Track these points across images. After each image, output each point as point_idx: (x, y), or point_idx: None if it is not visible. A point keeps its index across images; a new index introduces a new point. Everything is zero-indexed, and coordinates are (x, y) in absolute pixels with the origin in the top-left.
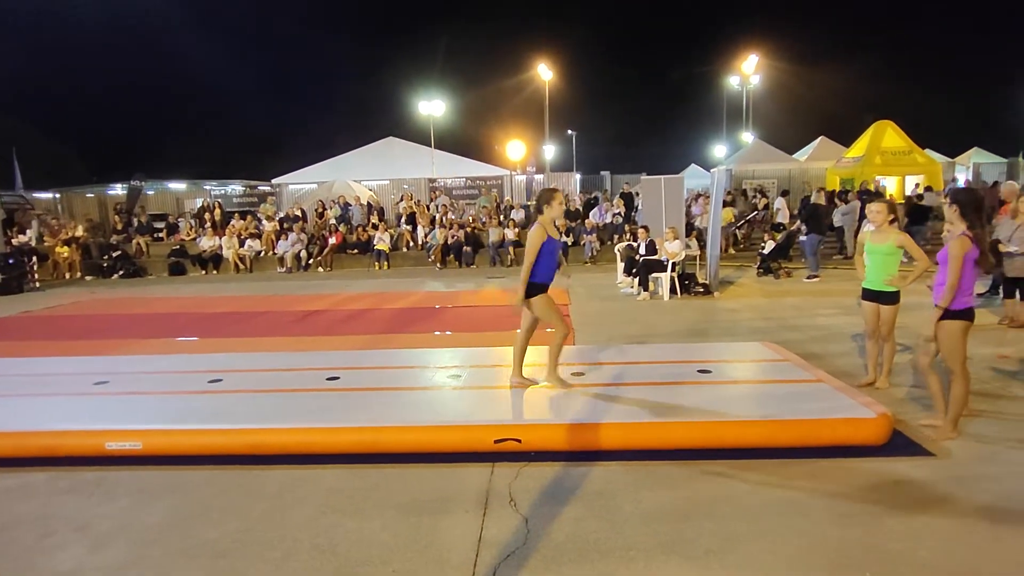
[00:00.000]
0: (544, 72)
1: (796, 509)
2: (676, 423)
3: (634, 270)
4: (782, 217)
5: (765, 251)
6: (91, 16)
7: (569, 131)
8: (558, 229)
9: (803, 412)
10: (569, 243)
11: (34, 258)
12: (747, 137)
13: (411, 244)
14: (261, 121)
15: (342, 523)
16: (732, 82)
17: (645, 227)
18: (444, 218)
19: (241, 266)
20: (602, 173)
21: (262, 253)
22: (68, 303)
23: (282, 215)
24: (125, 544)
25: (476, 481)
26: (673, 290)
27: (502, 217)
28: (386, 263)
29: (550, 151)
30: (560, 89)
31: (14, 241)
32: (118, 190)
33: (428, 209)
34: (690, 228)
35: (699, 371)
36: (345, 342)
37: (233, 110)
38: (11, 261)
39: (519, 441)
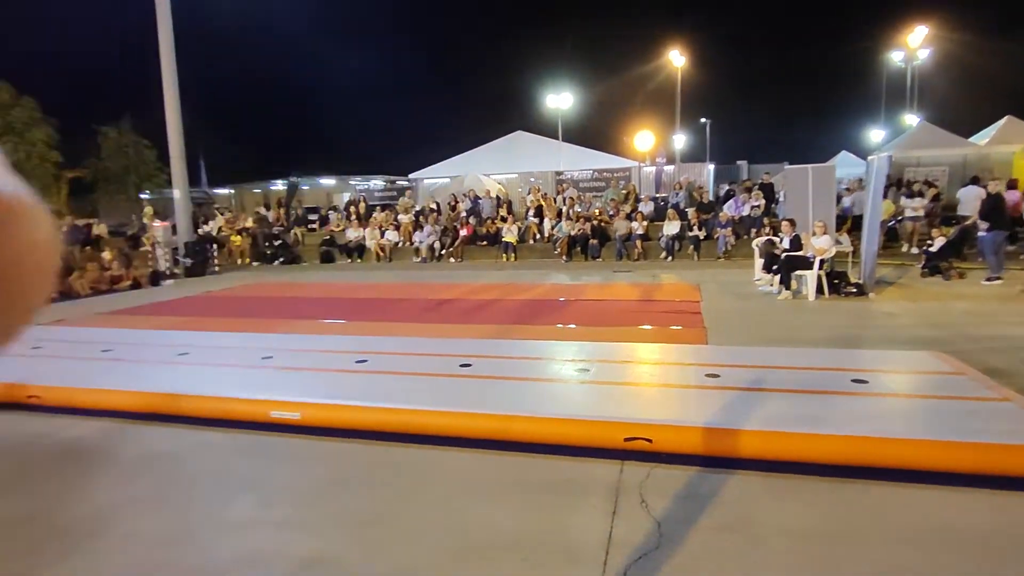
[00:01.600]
0: (676, 59)
1: (976, 546)
2: (826, 435)
3: (775, 267)
4: (968, 210)
5: (933, 248)
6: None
7: (702, 119)
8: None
9: (985, 434)
10: (701, 237)
11: (214, 245)
12: (911, 119)
13: (538, 236)
14: (400, 120)
15: (473, 506)
16: (894, 58)
17: (790, 220)
18: (571, 211)
19: (381, 255)
20: (738, 163)
21: (400, 244)
22: (239, 285)
23: (418, 208)
24: (287, 504)
25: (605, 478)
26: (820, 290)
27: (630, 210)
28: (513, 255)
29: (681, 141)
30: (693, 75)
31: (200, 231)
32: (279, 186)
33: (555, 202)
34: (841, 221)
35: (853, 380)
36: (475, 330)
37: (375, 111)
38: (197, 248)
39: (650, 441)
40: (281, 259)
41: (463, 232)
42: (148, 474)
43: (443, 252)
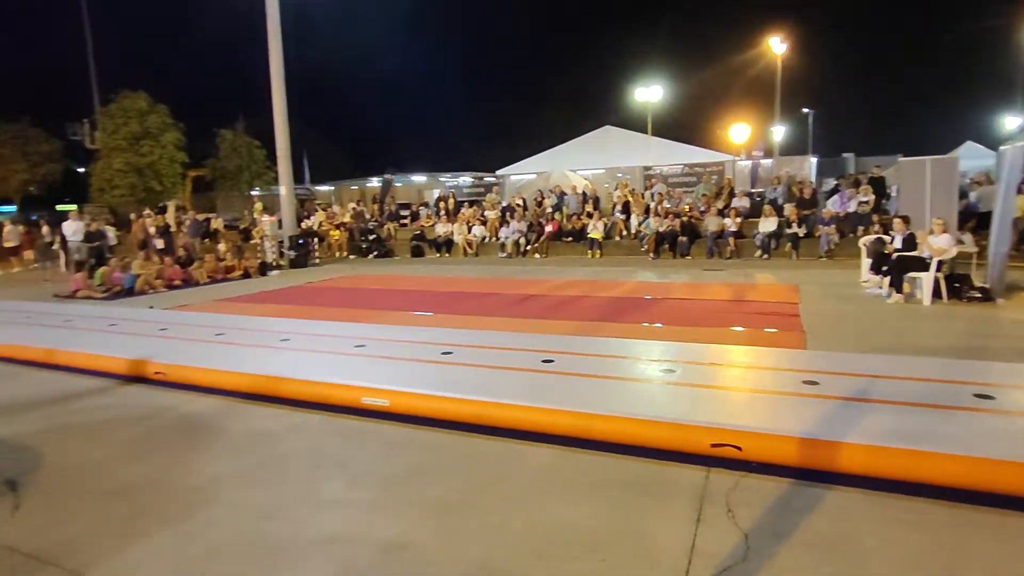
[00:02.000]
0: (776, 46)
1: None
2: (945, 455)
3: (884, 267)
4: None
5: None
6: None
7: (804, 109)
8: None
9: None
10: (801, 235)
11: (315, 239)
12: None
13: (624, 233)
14: (489, 118)
15: (551, 502)
16: None
17: (903, 217)
18: (659, 207)
19: (468, 250)
20: (844, 155)
21: (486, 239)
22: (336, 277)
23: (504, 204)
24: (373, 486)
25: (689, 484)
26: (937, 294)
27: (722, 205)
28: (599, 251)
29: (780, 133)
30: (794, 63)
31: (302, 225)
32: (375, 183)
33: (643, 198)
34: (964, 218)
35: (976, 395)
36: (559, 327)
37: (466, 109)
38: (300, 241)
39: (739, 449)
40: (375, 253)
41: (548, 228)
42: (251, 450)
43: (528, 248)
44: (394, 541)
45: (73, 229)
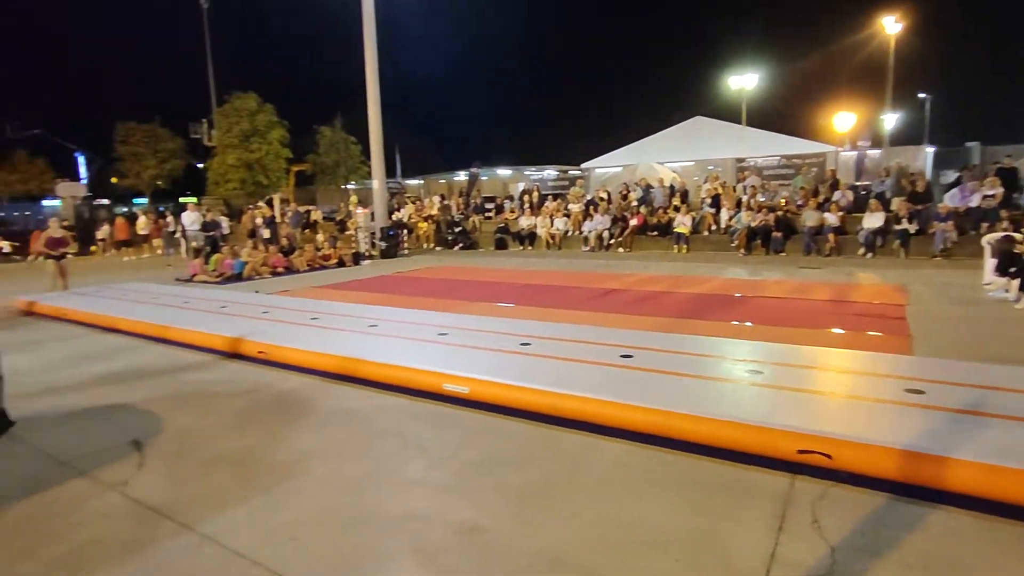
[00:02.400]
0: (890, 26)
1: None
2: None
3: (1012, 268)
4: None
5: None
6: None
7: (920, 95)
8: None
9: None
10: (912, 231)
11: (404, 230)
12: None
13: (713, 228)
14: (576, 111)
15: (625, 497)
16: None
17: None
18: (752, 200)
19: (551, 243)
20: (967, 144)
21: (569, 232)
22: (423, 267)
23: (589, 197)
24: (451, 469)
25: (772, 490)
26: None
27: (822, 199)
28: (685, 246)
29: (891, 121)
30: (909, 44)
31: (393, 217)
32: (461, 176)
33: (734, 191)
34: None
35: None
36: (640, 322)
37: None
38: (391, 233)
39: (829, 457)
40: (460, 245)
41: (633, 222)
42: (339, 427)
43: (611, 242)
44: (468, 524)
45: (191, 219)
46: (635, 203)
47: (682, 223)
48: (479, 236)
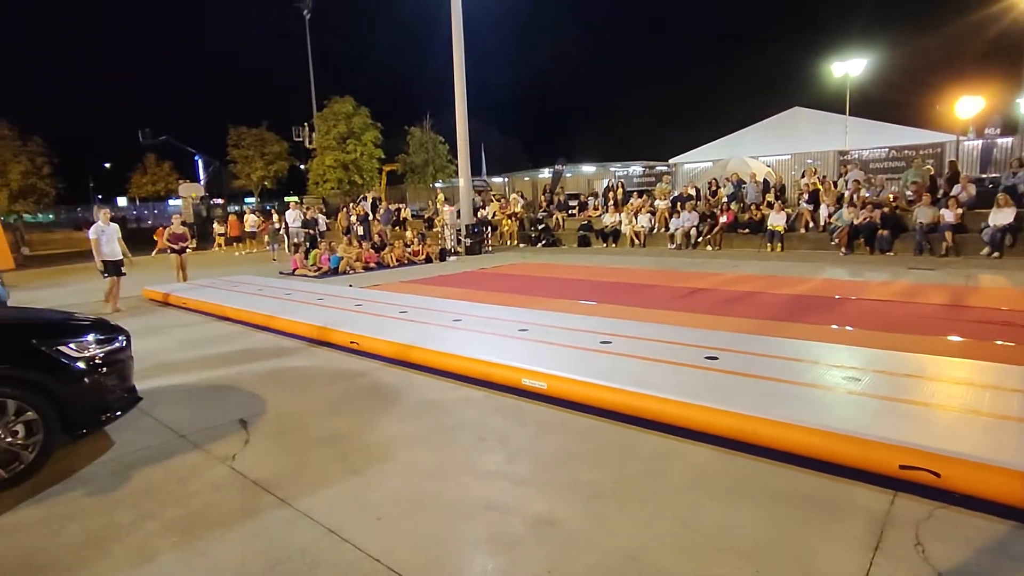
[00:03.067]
0: None
1: None
2: None
3: None
4: None
5: None
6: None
7: None
8: None
9: None
10: None
11: (489, 228)
12: None
13: (811, 225)
14: (664, 105)
15: (707, 503)
16: None
17: None
18: (855, 195)
19: (636, 241)
20: None
21: (655, 229)
22: (507, 264)
23: (676, 194)
24: (529, 464)
25: (868, 506)
26: None
27: (939, 194)
28: (779, 245)
29: None
30: None
31: (478, 214)
32: (545, 173)
33: (835, 186)
34: None
35: None
36: (728, 323)
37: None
38: (476, 230)
39: (937, 475)
40: (543, 242)
41: (723, 219)
42: (423, 416)
43: (699, 239)
44: (544, 517)
45: (293, 217)
46: (725, 199)
47: (776, 220)
48: (562, 233)
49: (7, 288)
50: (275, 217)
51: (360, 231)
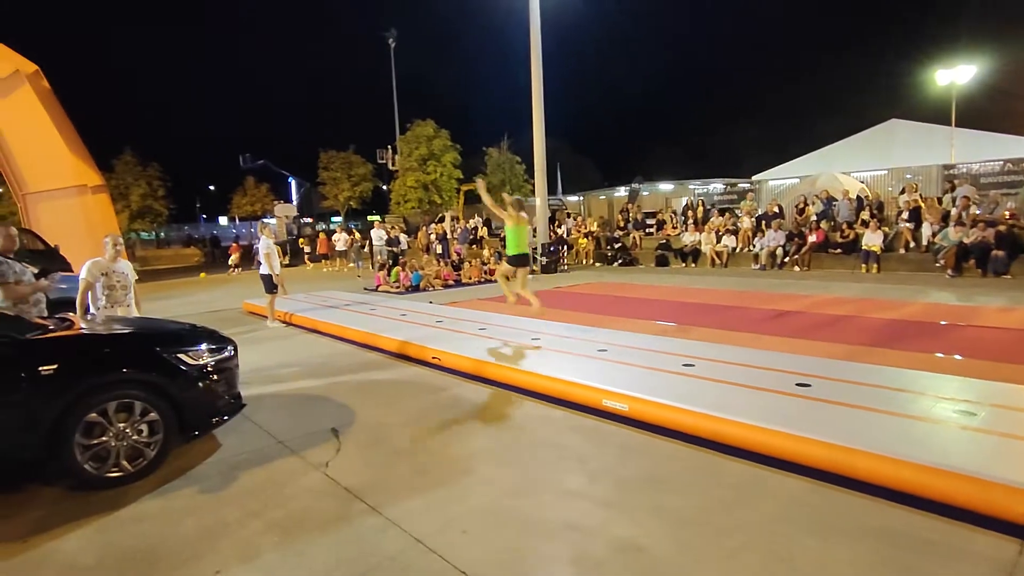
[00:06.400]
0: None
1: None
2: None
3: None
4: None
5: None
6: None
7: None
8: None
9: None
10: None
11: (564, 246)
12: None
13: (911, 245)
14: (747, 120)
15: (801, 538)
16: None
17: None
18: (963, 213)
19: (717, 261)
20: None
21: (737, 249)
22: (583, 284)
23: (761, 212)
24: (610, 485)
25: (990, 554)
26: None
27: None
28: (875, 266)
29: None
30: None
31: (554, 233)
32: (622, 192)
33: (939, 202)
34: None
35: None
36: (818, 348)
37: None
38: (552, 249)
39: None
40: (619, 261)
41: (812, 238)
42: (504, 433)
43: (786, 260)
44: (629, 542)
45: (377, 236)
46: (814, 217)
47: (872, 240)
48: (639, 252)
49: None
50: (359, 236)
51: (439, 249)
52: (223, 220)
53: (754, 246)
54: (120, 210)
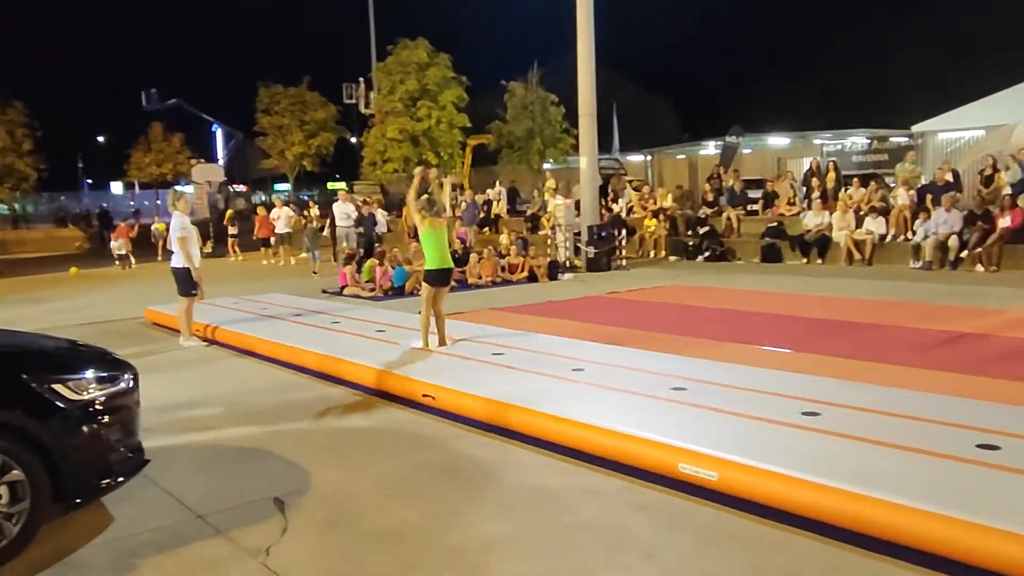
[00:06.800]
0: None
1: None
2: None
3: None
4: None
5: None
6: None
7: None
8: None
9: None
10: None
11: (623, 231)
12: None
13: None
14: (897, 44)
15: None
16: None
17: None
18: None
19: (856, 255)
20: None
21: (890, 237)
22: (652, 288)
23: (926, 181)
24: None
25: None
26: None
27: None
28: None
29: None
30: None
31: (607, 210)
32: (711, 149)
33: None
34: None
35: None
36: (1013, 391)
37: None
38: (603, 234)
39: None
40: (707, 253)
41: (1003, 221)
42: (531, 511)
43: (964, 254)
44: None
45: (342, 213)
46: (1008, 190)
47: None
48: (737, 241)
49: None
50: (314, 212)
51: None
52: (117, 187)
53: (914, 233)
54: None
